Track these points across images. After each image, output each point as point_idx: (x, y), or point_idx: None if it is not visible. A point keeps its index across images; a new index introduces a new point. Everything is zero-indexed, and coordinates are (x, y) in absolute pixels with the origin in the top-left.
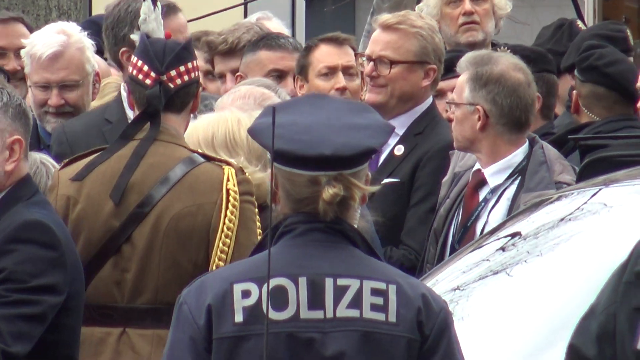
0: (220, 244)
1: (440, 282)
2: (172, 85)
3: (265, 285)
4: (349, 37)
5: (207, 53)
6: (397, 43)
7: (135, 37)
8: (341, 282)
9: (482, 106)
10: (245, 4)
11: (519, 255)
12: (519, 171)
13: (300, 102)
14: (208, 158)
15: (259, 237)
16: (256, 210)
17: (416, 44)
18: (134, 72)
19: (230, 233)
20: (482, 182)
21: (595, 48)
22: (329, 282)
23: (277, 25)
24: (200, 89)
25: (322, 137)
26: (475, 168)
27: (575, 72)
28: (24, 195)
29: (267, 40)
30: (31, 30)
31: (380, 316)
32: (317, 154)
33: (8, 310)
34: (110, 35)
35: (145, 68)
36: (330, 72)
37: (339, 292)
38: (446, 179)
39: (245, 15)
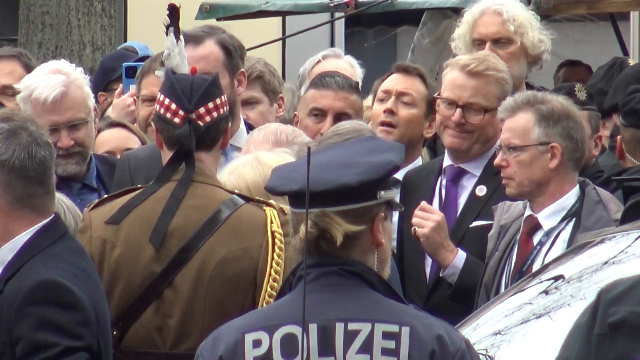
0: (269, 288)
1: (481, 326)
2: (201, 123)
3: (276, 333)
4: (419, 68)
5: None
6: (485, 89)
7: (159, 73)
8: (352, 326)
9: (558, 143)
10: (283, 39)
11: (563, 299)
12: (573, 213)
13: (345, 143)
14: (247, 199)
15: None
16: None
17: (501, 90)
18: (162, 111)
19: (277, 277)
20: (536, 227)
21: (639, 92)
22: (339, 327)
23: (344, 63)
24: (229, 124)
25: (303, 175)
26: (526, 214)
27: (620, 116)
28: (40, 244)
29: (317, 78)
30: (29, 69)
31: None
32: (287, 190)
33: None
34: None
35: (174, 106)
36: (386, 97)
37: (350, 336)
38: (492, 232)
39: (284, 51)
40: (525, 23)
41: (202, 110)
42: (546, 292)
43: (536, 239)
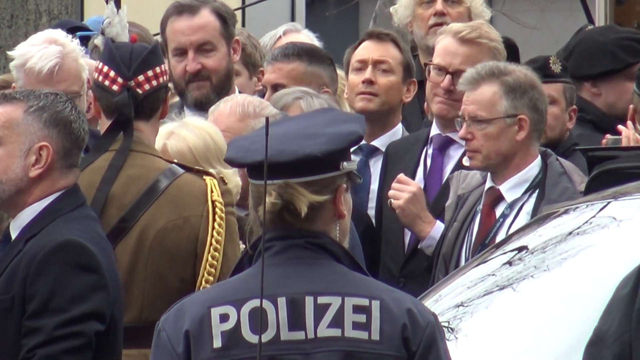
0: (210, 258)
1: (444, 298)
2: (140, 91)
3: (244, 307)
4: (391, 34)
5: None
6: (477, 57)
7: (98, 41)
8: (322, 300)
9: (525, 115)
10: (243, 9)
11: (526, 270)
12: (536, 184)
13: (298, 115)
14: (187, 168)
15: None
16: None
17: (493, 59)
18: (100, 78)
19: (218, 246)
20: (498, 199)
21: None
22: (309, 301)
23: (304, 37)
24: (169, 93)
25: (270, 146)
26: (488, 186)
27: (635, 86)
28: (63, 208)
29: (274, 52)
30: None
31: (362, 334)
32: (250, 161)
33: (53, 347)
34: None
35: (112, 74)
36: (363, 66)
37: (320, 311)
38: (449, 202)
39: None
40: None
41: (141, 78)
42: (509, 263)
43: (499, 211)
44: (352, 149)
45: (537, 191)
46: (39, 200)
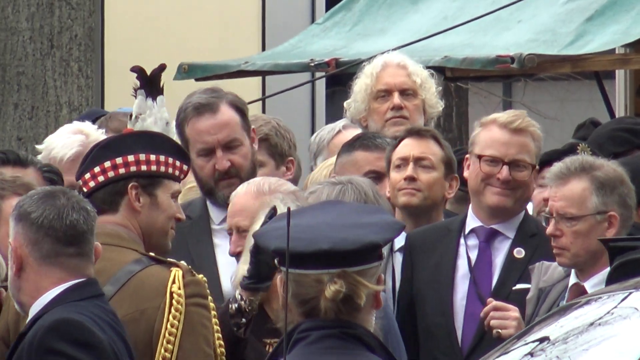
0: (162, 350)
1: None
2: (85, 190)
3: None
4: (432, 130)
5: None
6: (529, 147)
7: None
8: None
9: (615, 212)
10: (263, 100)
11: None
12: None
13: (313, 206)
14: (158, 261)
15: (213, 341)
16: (209, 312)
17: (538, 146)
18: None
19: (172, 338)
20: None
21: None
22: None
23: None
24: (134, 184)
25: (323, 234)
26: (573, 282)
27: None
28: (68, 298)
29: (363, 140)
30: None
31: None
32: (316, 250)
33: None
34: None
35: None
36: (404, 163)
37: None
38: (531, 295)
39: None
40: (428, 80)
41: (87, 176)
42: (531, 354)
43: None
44: None
45: None
46: (47, 292)
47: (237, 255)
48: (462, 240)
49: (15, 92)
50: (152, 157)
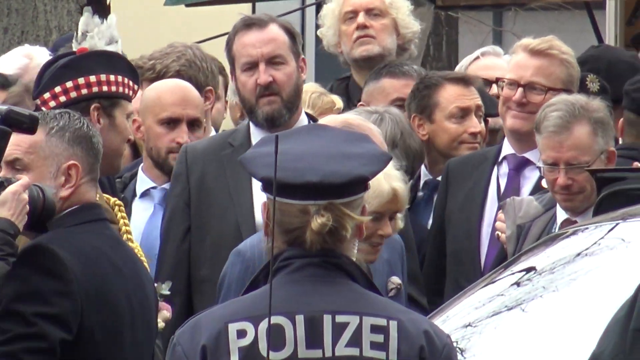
0: None
1: (451, 318)
2: (45, 109)
3: (261, 324)
4: (476, 78)
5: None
6: (549, 69)
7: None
8: (340, 319)
9: (611, 146)
10: None
11: (534, 291)
12: None
13: (300, 131)
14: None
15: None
16: None
17: (565, 71)
18: None
19: None
20: None
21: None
22: (327, 319)
23: (502, 63)
24: (96, 105)
25: (312, 165)
26: (563, 217)
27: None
28: (67, 222)
29: (390, 67)
30: None
31: (380, 354)
32: (304, 182)
33: (10, 347)
34: None
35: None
36: (464, 114)
37: (338, 329)
38: (509, 234)
39: None
40: (400, 2)
41: (47, 95)
42: (518, 283)
43: None
44: None
45: None
46: None
47: None
48: (495, 168)
49: (5, 16)
50: (112, 77)
